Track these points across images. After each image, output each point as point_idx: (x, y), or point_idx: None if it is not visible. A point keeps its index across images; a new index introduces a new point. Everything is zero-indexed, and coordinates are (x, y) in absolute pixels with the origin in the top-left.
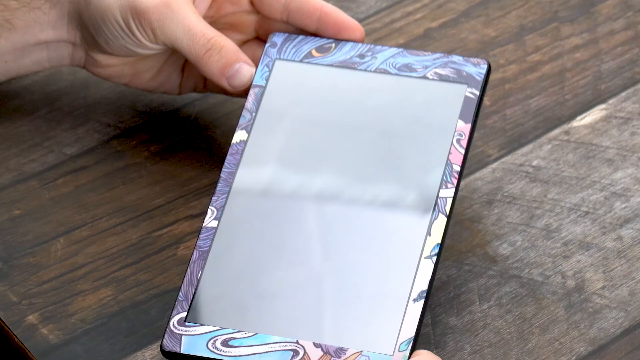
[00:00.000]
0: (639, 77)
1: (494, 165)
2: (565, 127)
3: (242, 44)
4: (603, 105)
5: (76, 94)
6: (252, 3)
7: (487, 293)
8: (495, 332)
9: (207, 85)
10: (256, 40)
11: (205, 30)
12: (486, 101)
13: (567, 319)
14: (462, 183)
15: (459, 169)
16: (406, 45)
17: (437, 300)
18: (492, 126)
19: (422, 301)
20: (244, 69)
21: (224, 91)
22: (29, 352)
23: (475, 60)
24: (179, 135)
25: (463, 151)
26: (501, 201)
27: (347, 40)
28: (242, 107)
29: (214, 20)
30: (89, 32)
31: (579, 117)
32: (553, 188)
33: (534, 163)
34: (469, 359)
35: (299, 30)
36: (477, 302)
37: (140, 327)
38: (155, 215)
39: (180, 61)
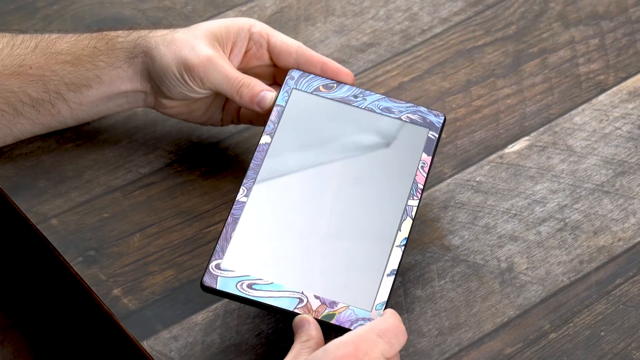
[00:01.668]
0: (553, 117)
1: (448, 180)
2: (500, 153)
3: None
4: (527, 137)
5: (148, 129)
6: (271, 59)
7: (443, 272)
8: (449, 301)
9: (239, 118)
10: (274, 84)
11: (237, 75)
12: (443, 135)
13: (501, 291)
14: (425, 193)
15: (422, 186)
16: (385, 94)
17: (407, 278)
18: (447, 152)
19: (393, 276)
20: (267, 94)
21: (250, 122)
22: (114, 316)
23: (436, 112)
24: (222, 160)
25: (425, 174)
26: (453, 206)
27: (344, 83)
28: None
29: (244, 71)
30: (155, 83)
31: (509, 146)
32: (491, 197)
33: (477, 179)
34: (431, 320)
35: None
36: (436, 279)
37: (194, 297)
38: (205, 217)
39: (221, 102)
